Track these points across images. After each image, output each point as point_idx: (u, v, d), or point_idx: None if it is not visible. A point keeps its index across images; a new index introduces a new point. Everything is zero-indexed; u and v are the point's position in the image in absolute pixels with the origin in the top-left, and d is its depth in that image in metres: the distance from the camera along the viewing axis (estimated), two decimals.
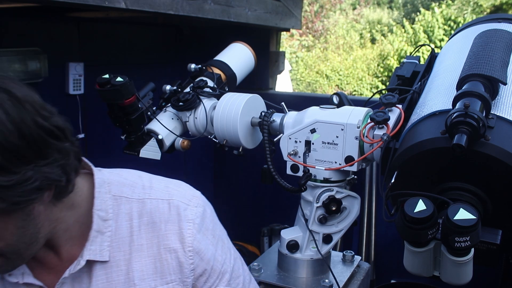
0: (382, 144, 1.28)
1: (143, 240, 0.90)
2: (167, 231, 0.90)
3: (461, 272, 1.01)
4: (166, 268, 0.90)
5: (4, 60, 2.20)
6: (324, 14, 16.32)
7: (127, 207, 0.91)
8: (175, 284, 0.91)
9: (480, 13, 13.08)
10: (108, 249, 0.88)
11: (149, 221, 0.90)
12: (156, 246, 0.90)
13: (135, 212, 0.91)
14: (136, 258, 0.89)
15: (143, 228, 0.90)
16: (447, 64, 1.41)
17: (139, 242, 0.90)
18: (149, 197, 0.92)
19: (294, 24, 3.30)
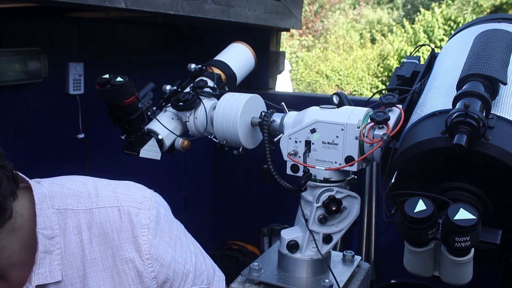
0: (382, 144, 1.28)
1: (96, 254, 0.84)
2: (121, 240, 0.84)
3: (461, 272, 1.01)
4: (125, 280, 0.85)
5: (4, 60, 2.21)
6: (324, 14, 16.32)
7: (74, 219, 0.84)
8: None
9: (480, 13, 13.08)
10: (59, 267, 0.82)
11: (100, 232, 0.84)
12: (111, 258, 0.84)
13: (83, 224, 0.84)
14: (91, 273, 0.84)
15: (94, 241, 0.84)
16: (447, 64, 1.41)
17: (92, 256, 0.84)
18: (96, 206, 0.86)
19: (294, 24, 3.30)
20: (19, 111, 2.39)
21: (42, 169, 2.46)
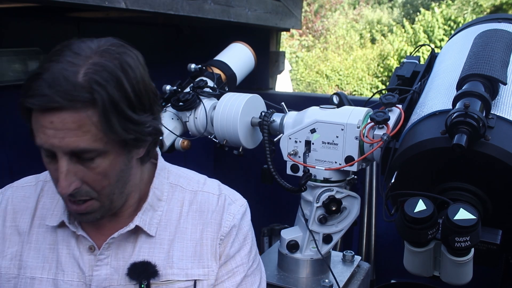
0: (382, 144, 1.28)
1: (189, 225, 0.99)
2: (212, 219, 0.99)
3: (461, 272, 1.01)
4: (204, 254, 0.97)
5: (4, 60, 2.21)
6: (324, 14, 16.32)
7: (181, 195, 1.01)
8: (210, 271, 0.97)
9: (480, 13, 13.08)
10: (156, 226, 0.97)
11: (198, 209, 1.00)
12: (199, 232, 0.98)
13: (186, 200, 1.01)
14: (179, 239, 0.97)
15: (190, 215, 0.99)
16: (447, 64, 1.41)
17: (184, 226, 0.98)
18: (201, 190, 1.03)
19: (294, 24, 3.30)
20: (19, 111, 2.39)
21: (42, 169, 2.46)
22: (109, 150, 0.84)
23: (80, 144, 0.80)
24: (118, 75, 0.82)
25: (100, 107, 0.79)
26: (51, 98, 0.77)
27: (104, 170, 0.85)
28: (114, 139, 0.83)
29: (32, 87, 0.80)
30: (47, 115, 0.79)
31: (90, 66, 0.81)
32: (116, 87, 0.81)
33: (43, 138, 0.81)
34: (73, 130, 0.79)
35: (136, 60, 0.87)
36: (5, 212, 1.00)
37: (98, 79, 0.79)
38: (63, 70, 0.79)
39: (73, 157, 0.82)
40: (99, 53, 0.85)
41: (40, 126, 0.81)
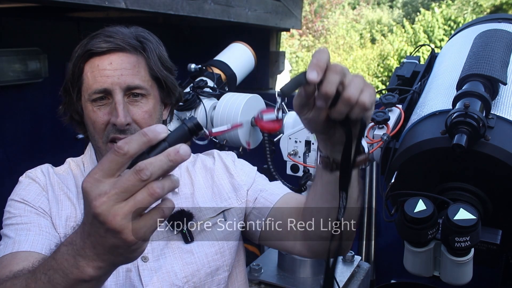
0: (382, 144, 1.28)
1: (200, 177, 1.16)
2: (216, 166, 1.17)
3: (461, 272, 1.01)
4: (222, 190, 1.14)
5: (4, 60, 2.21)
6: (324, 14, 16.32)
7: (184, 164, 1.15)
8: (231, 200, 1.13)
9: (480, 13, 13.09)
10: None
11: (201, 166, 1.18)
12: (210, 178, 1.16)
13: (190, 164, 1.18)
14: (197, 190, 1.13)
15: (197, 170, 1.17)
16: (447, 64, 1.41)
17: (197, 179, 1.15)
18: (198, 156, 1.21)
19: (294, 24, 3.30)
20: (19, 111, 2.39)
21: None
22: (151, 94, 1.04)
23: (135, 80, 1.00)
24: (155, 38, 1.09)
25: (148, 53, 1.03)
26: (113, 43, 1.00)
27: (149, 110, 1.03)
28: (155, 85, 1.05)
29: (93, 40, 1.01)
30: (106, 58, 1.00)
31: (134, 29, 1.06)
32: (156, 44, 1.06)
33: (102, 80, 0.99)
34: (128, 69, 1.00)
35: None
36: (51, 181, 1.08)
37: (144, 35, 1.06)
38: (115, 28, 1.03)
39: (125, 96, 1.00)
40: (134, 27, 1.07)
41: (99, 70, 1.00)
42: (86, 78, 1.03)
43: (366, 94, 0.71)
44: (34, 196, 1.04)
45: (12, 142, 2.36)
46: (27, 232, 0.97)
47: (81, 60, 1.03)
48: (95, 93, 1.00)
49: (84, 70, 1.03)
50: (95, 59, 1.01)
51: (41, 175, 1.10)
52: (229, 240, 1.11)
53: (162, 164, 0.58)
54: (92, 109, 1.02)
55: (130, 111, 1.01)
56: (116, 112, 0.98)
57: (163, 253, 1.05)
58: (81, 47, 1.03)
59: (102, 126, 1.01)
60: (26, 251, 0.93)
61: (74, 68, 1.04)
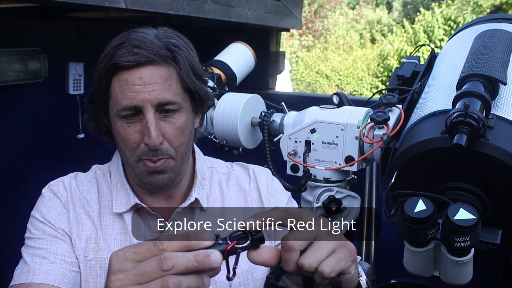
0: (382, 144, 1.28)
1: (232, 196, 1.11)
2: (250, 188, 1.12)
3: (461, 272, 1.01)
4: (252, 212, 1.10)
5: (4, 60, 2.21)
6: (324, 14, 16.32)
7: (217, 176, 1.13)
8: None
9: (480, 13, 13.09)
10: (207, 201, 1.07)
11: (235, 184, 1.13)
12: (243, 200, 1.11)
13: (223, 180, 1.13)
14: (227, 210, 1.08)
15: (231, 188, 1.12)
16: (447, 64, 1.41)
17: (228, 198, 1.10)
18: (233, 170, 1.15)
19: (294, 24, 3.30)
20: (19, 111, 2.39)
21: (42, 169, 2.46)
22: (184, 107, 0.98)
23: (167, 96, 0.94)
24: (185, 41, 1.01)
25: (180, 63, 0.95)
26: (142, 55, 0.92)
27: (181, 125, 0.97)
28: (188, 96, 0.99)
29: (120, 51, 0.93)
30: (136, 72, 0.93)
31: (162, 33, 0.98)
32: (187, 50, 0.99)
33: (132, 96, 0.93)
34: (159, 83, 0.93)
35: None
36: (73, 197, 1.04)
37: (175, 42, 0.97)
38: (143, 37, 0.95)
39: (157, 112, 0.94)
40: (162, 30, 1.00)
41: (127, 86, 0.93)
42: (114, 92, 0.95)
43: (330, 262, 0.65)
44: (55, 215, 1.01)
45: (12, 142, 2.36)
46: (42, 260, 0.95)
47: (108, 73, 0.95)
48: (124, 110, 0.94)
49: (112, 84, 0.95)
50: (123, 73, 0.93)
51: (63, 190, 1.05)
52: (254, 273, 1.05)
53: (188, 262, 0.58)
54: (122, 125, 0.96)
55: (162, 128, 0.95)
56: (149, 132, 0.93)
57: None
58: (107, 57, 0.95)
59: (134, 144, 0.96)
60: (38, 284, 0.92)
61: (101, 80, 0.96)
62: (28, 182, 2.34)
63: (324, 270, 0.64)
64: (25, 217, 1.04)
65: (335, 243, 0.65)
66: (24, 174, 2.38)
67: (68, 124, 2.60)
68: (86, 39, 2.60)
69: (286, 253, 0.65)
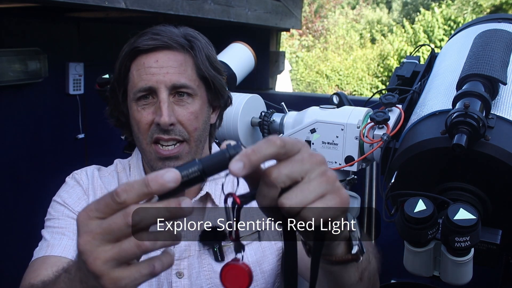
0: (382, 144, 1.28)
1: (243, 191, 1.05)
2: None
3: (461, 272, 1.01)
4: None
5: (4, 60, 2.21)
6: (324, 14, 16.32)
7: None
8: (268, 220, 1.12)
9: (480, 13, 13.08)
10: (219, 196, 1.05)
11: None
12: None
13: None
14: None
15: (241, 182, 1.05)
16: (447, 64, 1.41)
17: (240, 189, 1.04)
18: None
19: (294, 24, 3.30)
20: (19, 111, 2.39)
21: (42, 169, 2.46)
22: (198, 94, 1.00)
23: (181, 79, 0.97)
24: (205, 38, 1.05)
25: (196, 52, 0.99)
26: (160, 40, 0.97)
27: (195, 111, 0.99)
28: (203, 85, 1.01)
29: (140, 38, 0.98)
30: (153, 55, 0.97)
31: (183, 29, 1.03)
32: (205, 43, 1.03)
33: (147, 78, 0.96)
34: (174, 67, 0.97)
35: None
36: (94, 185, 1.07)
37: (193, 34, 1.02)
38: (163, 27, 1.00)
39: (171, 95, 0.97)
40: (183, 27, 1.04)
41: (144, 68, 0.97)
42: (132, 77, 0.99)
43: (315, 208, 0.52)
44: (75, 200, 1.03)
45: (12, 142, 2.36)
46: (61, 236, 0.97)
47: (128, 58, 1.00)
48: (139, 91, 0.97)
49: (131, 69, 1.00)
50: (141, 57, 0.98)
51: (86, 178, 1.08)
52: (262, 264, 1.04)
53: (158, 213, 0.51)
54: (137, 108, 0.99)
55: (175, 111, 0.97)
56: (160, 111, 0.95)
57: (196, 271, 1.01)
58: (128, 45, 1.00)
59: (146, 126, 0.98)
60: (57, 256, 0.94)
61: (121, 66, 1.01)
62: (28, 182, 2.34)
63: (306, 216, 0.52)
64: (25, 217, 1.05)
65: (326, 187, 0.53)
66: (24, 174, 2.38)
67: (68, 124, 2.60)
68: (86, 39, 2.60)
69: (264, 186, 0.54)
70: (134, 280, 0.52)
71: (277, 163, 0.53)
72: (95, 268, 0.52)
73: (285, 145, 0.52)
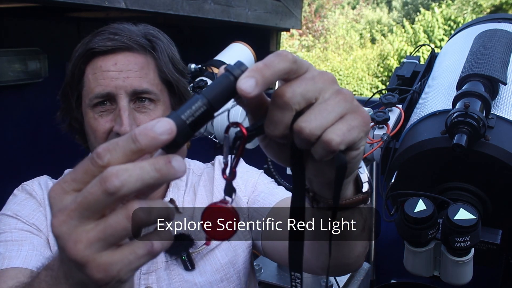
0: (382, 144, 1.28)
1: (203, 192, 1.05)
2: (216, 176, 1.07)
3: (461, 272, 1.01)
4: None
5: (4, 60, 2.21)
6: (324, 14, 16.32)
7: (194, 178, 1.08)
8: None
9: (480, 13, 13.09)
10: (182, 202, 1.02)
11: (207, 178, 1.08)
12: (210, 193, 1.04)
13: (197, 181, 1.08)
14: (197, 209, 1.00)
15: (201, 184, 1.07)
16: (447, 64, 1.41)
17: (200, 194, 1.05)
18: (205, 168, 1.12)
19: (294, 24, 3.30)
20: (19, 111, 2.39)
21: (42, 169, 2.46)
22: (161, 100, 0.92)
23: (142, 84, 0.89)
24: (166, 37, 0.96)
25: (159, 53, 0.91)
26: (118, 41, 0.88)
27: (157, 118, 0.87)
28: (166, 89, 0.94)
29: (96, 38, 0.90)
30: (111, 57, 0.88)
31: (143, 26, 0.95)
32: (167, 43, 0.95)
33: (105, 83, 0.88)
34: (135, 71, 0.88)
35: None
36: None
37: (154, 33, 0.94)
38: (121, 25, 0.92)
39: (131, 102, 0.89)
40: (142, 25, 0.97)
41: (101, 72, 0.88)
42: (87, 81, 0.91)
43: (339, 129, 0.45)
44: (30, 212, 0.92)
45: (12, 142, 2.36)
46: (19, 247, 0.85)
47: (82, 60, 0.91)
48: (96, 98, 0.88)
49: (86, 72, 0.91)
50: (98, 60, 0.89)
51: (39, 189, 0.98)
52: (236, 264, 0.99)
53: (143, 174, 0.39)
54: (93, 116, 0.90)
55: (136, 119, 0.88)
56: (120, 120, 0.86)
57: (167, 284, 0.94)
58: (82, 45, 0.92)
59: (104, 135, 0.89)
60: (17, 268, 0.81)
61: (74, 69, 0.93)
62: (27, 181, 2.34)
63: (332, 139, 0.44)
64: None
65: (345, 105, 0.46)
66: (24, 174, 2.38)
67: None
68: None
69: (277, 110, 0.45)
70: (128, 264, 0.41)
71: (287, 83, 0.46)
72: (76, 254, 0.40)
73: (296, 61, 0.45)
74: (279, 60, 0.44)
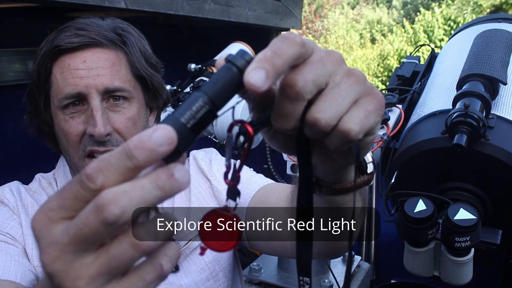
0: (382, 144, 1.28)
1: (194, 180, 1.01)
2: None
3: (461, 272, 1.01)
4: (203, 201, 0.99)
5: (4, 60, 2.21)
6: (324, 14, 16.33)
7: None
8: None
9: (480, 13, 13.09)
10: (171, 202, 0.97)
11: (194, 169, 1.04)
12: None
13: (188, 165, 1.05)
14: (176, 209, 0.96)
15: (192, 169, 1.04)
16: (447, 64, 1.41)
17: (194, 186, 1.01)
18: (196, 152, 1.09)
19: (294, 24, 3.30)
20: (19, 111, 2.39)
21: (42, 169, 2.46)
22: (135, 97, 0.88)
23: (114, 82, 0.84)
24: (137, 31, 0.91)
25: (130, 47, 0.87)
26: (86, 36, 0.82)
27: (132, 116, 0.86)
28: (139, 85, 0.89)
29: (61, 34, 0.83)
30: (79, 55, 0.82)
31: (111, 20, 0.89)
32: (138, 36, 0.90)
33: (75, 82, 0.82)
34: (106, 68, 0.83)
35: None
36: (24, 202, 0.91)
37: (124, 27, 0.89)
38: (88, 20, 0.86)
39: (104, 100, 0.84)
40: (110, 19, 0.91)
41: (70, 71, 0.82)
42: (55, 81, 0.84)
43: (356, 116, 0.40)
44: (2, 221, 0.86)
45: (12, 142, 2.36)
46: None
47: (48, 58, 0.84)
48: (66, 98, 0.82)
49: (52, 71, 0.84)
50: (65, 57, 0.83)
51: (11, 196, 0.92)
52: (221, 261, 0.96)
53: (145, 195, 0.34)
54: (64, 118, 0.84)
55: (110, 119, 0.84)
56: (94, 120, 0.81)
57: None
58: (47, 43, 0.86)
59: (77, 138, 0.83)
60: None
61: (40, 68, 0.85)
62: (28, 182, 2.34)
63: (351, 129, 0.40)
64: None
65: (358, 88, 0.41)
66: (25, 174, 2.38)
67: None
68: None
69: (288, 102, 0.39)
70: None
71: (296, 69, 0.40)
72: None
73: (304, 43, 0.39)
74: (287, 45, 0.38)
